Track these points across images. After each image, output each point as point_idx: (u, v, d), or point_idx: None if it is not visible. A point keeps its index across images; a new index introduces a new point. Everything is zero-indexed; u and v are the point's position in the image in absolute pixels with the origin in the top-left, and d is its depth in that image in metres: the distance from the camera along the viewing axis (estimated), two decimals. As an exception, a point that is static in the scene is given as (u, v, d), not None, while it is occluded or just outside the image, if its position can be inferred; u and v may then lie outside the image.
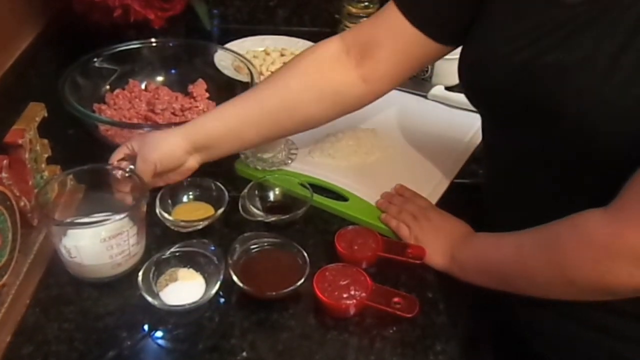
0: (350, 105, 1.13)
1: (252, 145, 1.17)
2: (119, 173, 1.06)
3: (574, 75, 0.82)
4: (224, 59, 1.45)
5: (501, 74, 0.91)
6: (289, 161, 1.25)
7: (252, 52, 1.65)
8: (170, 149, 1.07)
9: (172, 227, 1.09)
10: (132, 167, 1.07)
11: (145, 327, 0.94)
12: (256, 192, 1.16)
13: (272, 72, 1.45)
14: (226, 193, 1.12)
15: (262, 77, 1.47)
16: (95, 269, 0.98)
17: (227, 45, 1.57)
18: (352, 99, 1.11)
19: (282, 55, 1.65)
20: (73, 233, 0.98)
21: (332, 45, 1.11)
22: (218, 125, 1.10)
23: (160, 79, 1.45)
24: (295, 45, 1.68)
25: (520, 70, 0.88)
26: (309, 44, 1.67)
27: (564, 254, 0.86)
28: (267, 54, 1.66)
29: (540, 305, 0.96)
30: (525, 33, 0.88)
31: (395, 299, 0.97)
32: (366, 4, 1.62)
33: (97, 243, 0.96)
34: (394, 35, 1.05)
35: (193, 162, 1.10)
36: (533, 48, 0.87)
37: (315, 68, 1.10)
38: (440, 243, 1.06)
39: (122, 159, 1.09)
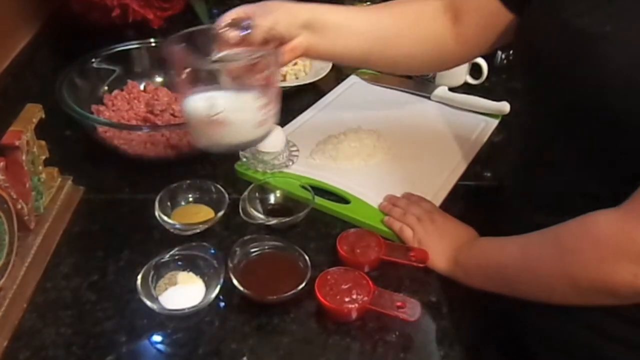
0: (444, 60, 1.17)
1: (347, 58, 1.16)
2: (232, 32, 1.00)
3: (627, 47, 0.81)
4: (224, 60, 1.45)
5: (557, 39, 0.90)
6: (290, 163, 1.25)
7: None
8: (290, 13, 1.06)
9: (172, 230, 1.09)
10: (249, 22, 1.00)
11: (144, 331, 0.94)
12: (257, 194, 1.16)
13: None
14: (226, 195, 1.13)
15: None
16: (238, 127, 0.94)
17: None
18: (447, 53, 1.14)
19: None
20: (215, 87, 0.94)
21: (432, 1, 1.13)
22: (335, 15, 1.10)
23: (159, 79, 1.45)
24: None
25: (577, 36, 0.87)
26: None
27: (570, 253, 0.86)
28: None
29: (542, 311, 0.96)
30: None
31: (398, 303, 0.97)
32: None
33: (242, 95, 0.94)
34: (477, 3, 1.08)
35: (303, 40, 1.08)
36: (589, 16, 0.85)
37: (419, 13, 1.13)
38: (444, 247, 1.06)
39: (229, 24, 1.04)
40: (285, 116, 1.38)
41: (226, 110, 0.93)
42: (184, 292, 0.96)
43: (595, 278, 0.84)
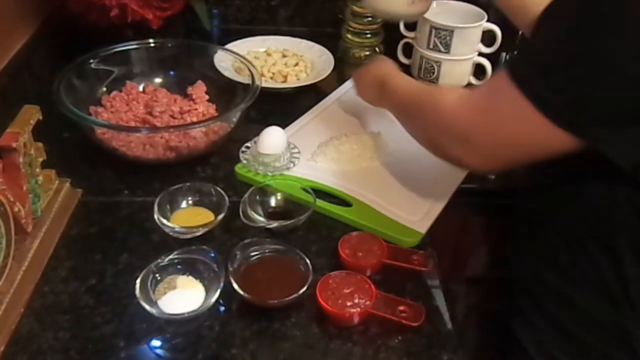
0: None
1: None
2: None
3: None
4: (224, 60, 1.45)
5: None
6: (291, 165, 1.25)
7: (253, 52, 1.65)
8: None
9: (171, 234, 1.09)
10: None
11: (143, 336, 0.94)
12: (257, 197, 1.16)
13: (273, 74, 1.52)
14: (226, 198, 1.13)
15: (263, 79, 1.47)
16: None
17: (228, 46, 1.58)
18: None
19: (284, 56, 1.65)
20: None
21: None
22: None
23: (158, 80, 1.46)
24: (298, 45, 1.69)
25: None
26: (311, 44, 1.68)
27: (423, 117, 1.06)
28: (269, 54, 1.66)
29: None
30: None
31: (401, 308, 0.97)
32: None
33: None
34: None
35: None
36: None
37: None
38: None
39: None
40: (286, 118, 1.39)
41: None
42: (183, 296, 0.96)
43: (436, 145, 1.03)
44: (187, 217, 1.12)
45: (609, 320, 0.97)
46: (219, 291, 0.96)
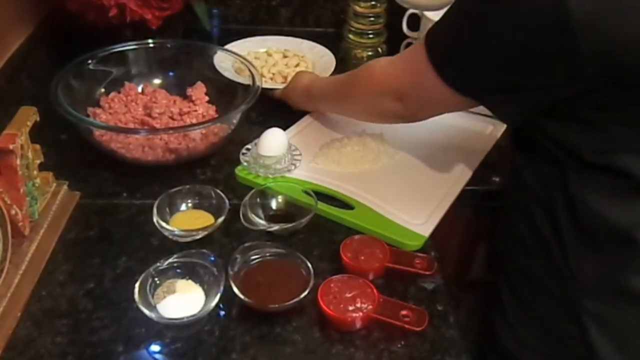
0: None
1: None
2: None
3: None
4: (224, 61, 1.45)
5: None
6: (293, 167, 1.25)
7: (254, 53, 1.66)
8: None
9: (170, 237, 1.09)
10: None
11: (142, 341, 0.94)
12: (258, 200, 1.16)
13: (273, 74, 1.58)
14: (227, 201, 1.13)
15: (264, 80, 1.47)
16: None
17: (228, 47, 1.58)
18: None
19: (285, 56, 1.66)
20: None
21: None
22: None
23: (157, 81, 1.46)
24: (299, 46, 1.69)
25: None
26: (313, 44, 1.68)
27: (356, 87, 1.21)
28: (269, 55, 1.67)
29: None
30: None
31: (404, 312, 0.97)
32: (373, 2, 1.61)
33: None
34: None
35: None
36: None
37: None
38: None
39: None
40: (287, 119, 1.39)
41: None
42: (182, 301, 0.96)
43: (374, 109, 1.19)
44: (187, 220, 1.12)
45: (559, 290, 1.01)
46: (219, 295, 0.96)
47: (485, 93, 1.01)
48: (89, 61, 1.37)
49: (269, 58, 1.65)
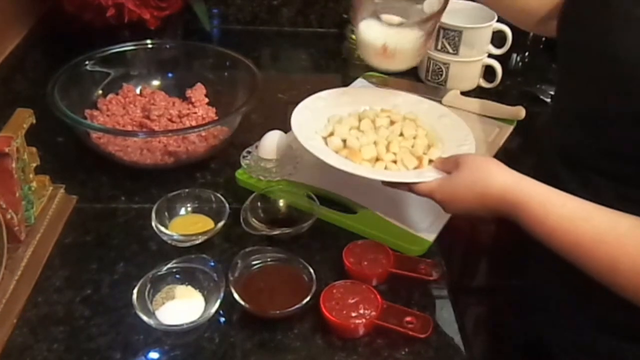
0: None
1: None
2: None
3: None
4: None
5: None
6: (294, 171, 1.25)
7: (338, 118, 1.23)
8: None
9: (169, 242, 1.09)
10: None
11: (140, 348, 0.94)
12: (259, 204, 1.16)
13: (395, 154, 1.13)
14: (227, 205, 1.13)
15: (376, 165, 1.12)
16: (402, 57, 1.15)
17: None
18: None
19: (392, 122, 1.21)
20: None
21: None
22: None
23: (156, 83, 1.46)
24: (393, 100, 1.27)
25: None
26: (419, 98, 1.31)
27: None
28: (369, 120, 1.20)
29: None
30: None
31: (408, 319, 0.97)
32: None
33: (408, 30, 1.12)
34: None
35: None
36: None
37: None
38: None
39: None
40: (289, 121, 1.39)
41: (393, 44, 1.12)
42: (182, 307, 0.96)
43: None
44: (186, 224, 1.12)
45: None
46: (219, 301, 0.96)
47: None
48: (86, 62, 1.37)
49: (365, 125, 1.19)
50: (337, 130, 1.16)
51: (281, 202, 1.18)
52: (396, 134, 1.16)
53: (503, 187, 0.93)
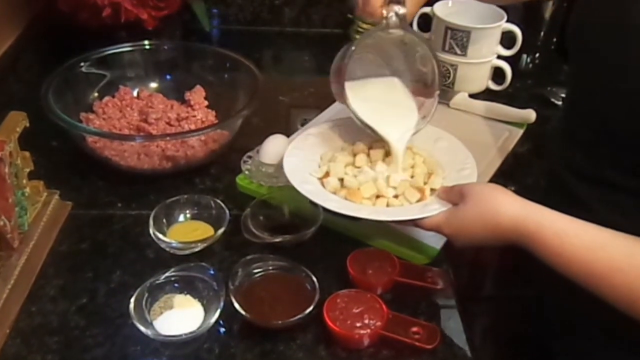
0: None
1: None
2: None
3: None
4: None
5: None
6: (296, 176, 1.25)
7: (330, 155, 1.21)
8: None
9: (167, 249, 1.10)
10: None
11: (138, 359, 0.94)
12: (260, 210, 1.16)
13: (395, 189, 1.13)
14: (227, 211, 1.13)
15: (373, 202, 1.12)
16: None
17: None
18: None
19: (387, 154, 1.19)
20: None
21: None
22: None
23: (154, 85, 1.46)
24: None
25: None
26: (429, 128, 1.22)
27: None
28: (362, 154, 1.19)
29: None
30: None
31: (414, 329, 0.97)
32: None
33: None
34: None
35: None
36: None
37: None
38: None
39: None
40: (291, 125, 1.39)
41: None
42: (180, 317, 0.97)
43: None
44: (185, 231, 1.13)
45: None
46: (219, 311, 0.96)
47: None
48: (82, 64, 1.37)
49: (360, 160, 1.18)
50: (332, 169, 1.15)
51: (283, 209, 1.19)
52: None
53: (514, 217, 0.94)
